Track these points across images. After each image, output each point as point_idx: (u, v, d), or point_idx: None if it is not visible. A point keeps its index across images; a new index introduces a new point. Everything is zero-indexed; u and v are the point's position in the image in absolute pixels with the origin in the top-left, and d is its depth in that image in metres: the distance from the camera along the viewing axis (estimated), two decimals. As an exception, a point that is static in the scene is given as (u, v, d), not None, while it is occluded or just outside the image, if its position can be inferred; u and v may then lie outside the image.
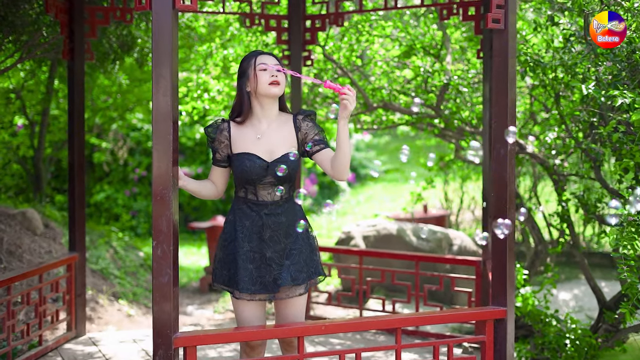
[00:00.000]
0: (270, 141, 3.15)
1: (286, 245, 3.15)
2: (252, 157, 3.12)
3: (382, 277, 5.07)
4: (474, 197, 9.12)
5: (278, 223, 3.14)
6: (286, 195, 3.18)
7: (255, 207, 3.15)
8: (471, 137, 5.57)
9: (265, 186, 3.14)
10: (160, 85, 2.85)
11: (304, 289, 3.16)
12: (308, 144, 3.17)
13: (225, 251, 3.19)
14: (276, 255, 3.13)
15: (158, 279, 2.88)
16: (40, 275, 4.50)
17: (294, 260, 3.12)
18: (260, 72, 3.11)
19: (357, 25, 5.71)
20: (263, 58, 3.15)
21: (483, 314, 3.35)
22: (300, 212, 3.23)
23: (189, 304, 6.98)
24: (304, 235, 3.18)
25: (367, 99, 5.55)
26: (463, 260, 4.86)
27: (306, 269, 3.15)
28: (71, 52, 4.79)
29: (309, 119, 3.21)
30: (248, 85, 3.16)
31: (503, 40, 3.36)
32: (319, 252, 3.27)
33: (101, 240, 7.20)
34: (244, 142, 3.16)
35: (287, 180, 3.15)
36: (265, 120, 3.18)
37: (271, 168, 3.11)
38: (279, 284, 3.10)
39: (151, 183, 2.92)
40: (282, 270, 3.11)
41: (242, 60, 3.23)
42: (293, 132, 3.19)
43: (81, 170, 4.86)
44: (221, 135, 3.18)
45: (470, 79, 5.59)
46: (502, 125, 3.39)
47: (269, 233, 3.13)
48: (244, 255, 3.11)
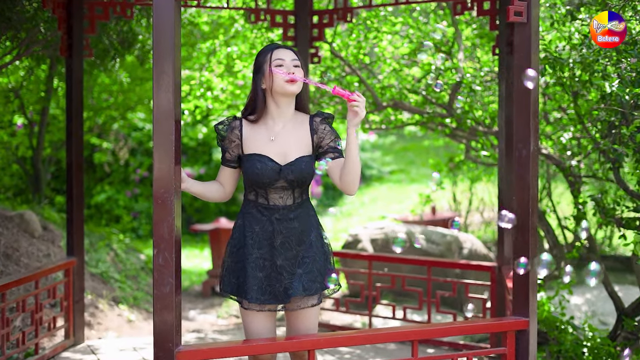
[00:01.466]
0: (285, 143, 2.95)
1: (298, 252, 2.94)
2: (264, 159, 2.92)
3: (393, 282, 4.88)
4: (483, 198, 8.93)
5: (290, 229, 2.94)
6: (299, 200, 2.98)
7: (265, 212, 2.95)
8: (485, 137, 5.37)
9: (276, 190, 2.94)
10: (161, 82, 2.66)
11: (317, 299, 2.96)
12: (322, 150, 2.97)
13: (233, 258, 2.99)
14: (287, 264, 2.92)
15: (159, 289, 2.69)
16: (37, 281, 4.31)
17: (306, 269, 2.92)
18: (276, 69, 2.91)
19: (365, 22, 5.51)
20: (279, 53, 2.93)
21: (504, 324, 3.16)
22: (314, 218, 3.04)
23: (191, 308, 6.80)
24: (317, 242, 2.98)
25: (376, 97, 5.36)
26: (477, 265, 4.67)
27: (320, 279, 2.95)
28: (69, 49, 4.60)
29: (326, 122, 3.01)
30: (263, 82, 2.96)
31: (525, 34, 3.17)
32: (333, 260, 3.07)
33: (101, 242, 7.02)
34: (256, 142, 2.96)
35: (300, 184, 2.94)
36: (280, 121, 2.98)
37: (284, 172, 2.91)
38: (289, 294, 2.89)
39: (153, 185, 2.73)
40: (294, 279, 2.90)
41: (257, 54, 3.01)
42: (308, 135, 2.98)
43: (80, 171, 4.67)
44: (232, 134, 2.98)
45: (482, 77, 5.39)
46: (524, 124, 3.20)
47: (280, 239, 2.93)
48: (253, 262, 2.92)
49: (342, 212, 11.50)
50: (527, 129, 3.19)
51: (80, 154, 4.68)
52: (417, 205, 7.80)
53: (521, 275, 3.19)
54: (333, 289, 3.02)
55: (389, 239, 6.46)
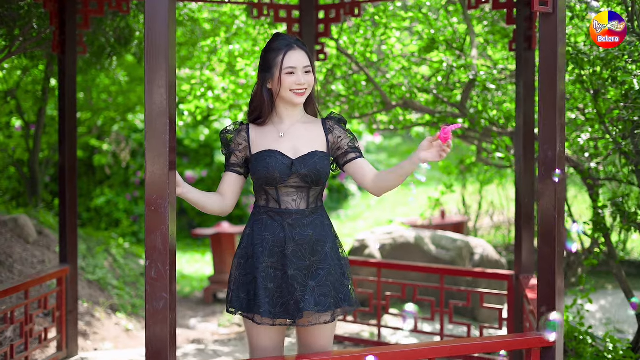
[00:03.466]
0: (295, 139, 2.73)
1: (312, 263, 2.68)
2: (274, 153, 2.68)
3: (403, 292, 4.61)
4: (493, 201, 8.66)
5: (303, 236, 2.68)
6: (314, 205, 2.73)
7: (277, 217, 2.70)
8: (499, 138, 5.11)
9: (289, 191, 2.69)
10: (154, 76, 2.41)
11: (330, 316, 2.69)
12: (342, 151, 2.76)
13: (242, 270, 2.73)
14: (299, 274, 2.66)
15: (152, 304, 2.44)
16: (27, 290, 4.06)
17: (319, 282, 2.66)
18: (285, 76, 2.67)
19: (374, 17, 5.25)
20: (292, 58, 2.68)
21: (529, 341, 2.90)
22: (330, 228, 2.78)
23: (191, 316, 6.54)
24: (333, 254, 2.72)
25: (385, 96, 5.11)
26: (494, 274, 4.40)
27: (334, 294, 2.68)
28: (62, 45, 4.36)
29: (340, 125, 2.80)
30: (270, 82, 2.72)
31: (551, 26, 2.92)
32: (351, 276, 2.81)
33: (99, 248, 6.77)
34: (265, 141, 2.73)
35: (314, 181, 2.69)
36: (288, 120, 2.77)
37: (296, 166, 2.67)
38: (301, 307, 2.63)
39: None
40: (306, 292, 2.64)
41: (266, 48, 2.76)
42: (322, 135, 2.77)
43: (73, 174, 4.42)
44: (239, 137, 2.76)
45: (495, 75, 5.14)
46: (549, 124, 2.95)
47: (292, 247, 2.67)
48: (263, 272, 2.66)
49: (347, 215, 11.24)
50: (553, 129, 2.94)
51: (74, 156, 4.44)
52: (425, 209, 7.54)
53: (546, 288, 2.94)
54: (349, 309, 2.76)
55: (398, 244, 6.20)
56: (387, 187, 2.71)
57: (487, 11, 5.47)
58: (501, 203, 8.52)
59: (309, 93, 2.74)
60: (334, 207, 11.50)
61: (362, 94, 5.47)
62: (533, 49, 4.10)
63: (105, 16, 4.95)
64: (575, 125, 5.07)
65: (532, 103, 4.13)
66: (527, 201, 4.17)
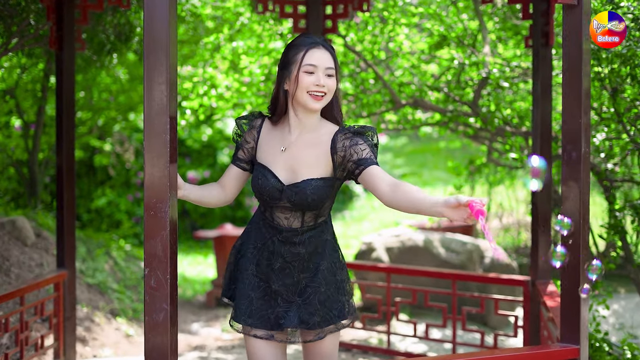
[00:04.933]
0: (295, 158, 2.50)
1: (300, 280, 2.52)
2: (267, 174, 2.50)
3: (414, 297, 4.44)
4: (502, 203, 8.48)
5: (293, 254, 2.52)
6: (311, 224, 2.53)
7: (269, 229, 2.54)
8: (513, 138, 4.94)
9: (282, 209, 2.52)
10: (153, 71, 2.24)
11: (313, 335, 2.53)
12: (347, 171, 2.47)
13: (236, 264, 2.64)
14: (284, 290, 2.52)
15: (151, 316, 2.27)
16: (22, 297, 3.89)
17: (306, 300, 2.50)
18: (303, 75, 2.43)
19: (382, 12, 5.07)
20: (313, 55, 2.44)
21: (552, 354, 2.73)
22: (330, 243, 2.58)
23: (194, 320, 6.37)
24: (328, 271, 2.54)
25: (395, 95, 4.93)
26: (509, 280, 4.23)
27: (322, 312, 2.50)
28: (60, 41, 4.19)
29: (351, 136, 2.46)
30: (287, 83, 2.50)
31: (576, 18, 2.74)
32: (350, 289, 2.62)
33: (99, 250, 6.61)
34: (267, 150, 2.54)
35: (307, 208, 2.48)
36: (297, 130, 2.52)
37: (286, 192, 2.47)
38: (281, 323, 2.48)
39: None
40: (290, 308, 2.49)
41: (289, 44, 2.54)
42: (328, 153, 2.48)
43: (71, 175, 4.26)
44: (250, 134, 2.58)
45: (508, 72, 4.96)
46: (573, 122, 2.77)
47: (280, 263, 2.52)
48: (247, 278, 2.54)
49: (352, 216, 11.06)
50: (578, 128, 2.76)
51: (72, 157, 4.27)
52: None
53: (570, 297, 2.77)
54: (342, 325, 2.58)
55: (406, 247, 6.02)
56: (399, 207, 2.32)
57: (499, 7, 5.29)
58: (510, 204, 8.34)
59: (329, 99, 2.48)
60: (338, 208, 11.31)
61: (370, 93, 5.30)
62: (550, 45, 3.93)
63: (104, 11, 4.78)
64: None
65: (549, 101, 3.96)
66: (544, 203, 3.99)
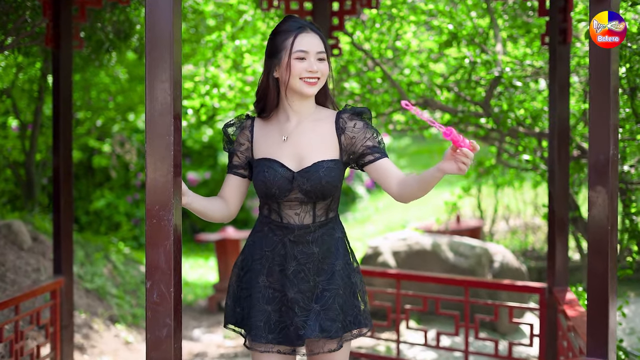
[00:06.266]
0: (300, 144, 2.36)
1: (317, 283, 2.36)
2: (273, 164, 2.34)
3: (425, 304, 4.28)
4: (509, 205, 8.32)
5: (307, 254, 2.35)
6: (322, 219, 2.38)
7: (278, 231, 2.37)
8: (526, 140, 4.77)
9: (291, 204, 2.36)
10: (156, 68, 2.07)
11: (336, 344, 2.36)
12: (356, 153, 2.36)
13: (239, 283, 2.45)
14: (301, 297, 2.34)
15: (154, 333, 2.10)
16: (17, 305, 3.72)
17: (325, 305, 2.33)
18: (295, 61, 2.31)
19: (391, 9, 4.91)
20: (303, 41, 2.32)
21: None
22: (342, 242, 2.43)
23: (195, 326, 6.20)
24: (343, 272, 2.38)
25: (404, 94, 4.77)
26: (525, 287, 4.06)
27: (341, 318, 2.34)
28: (57, 39, 4.03)
29: (357, 118, 2.38)
30: (277, 70, 2.37)
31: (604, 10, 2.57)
32: (364, 295, 2.46)
33: (97, 254, 6.44)
34: (266, 144, 2.38)
35: (320, 196, 2.34)
36: (295, 117, 2.40)
37: (297, 180, 2.32)
38: (301, 334, 2.31)
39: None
40: (309, 316, 2.32)
41: (274, 31, 2.40)
42: (334, 135, 2.37)
43: (68, 177, 4.09)
44: (242, 135, 2.42)
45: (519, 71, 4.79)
46: (601, 124, 2.61)
47: (294, 266, 2.35)
48: (260, 292, 2.36)
49: (355, 218, 10.89)
50: (606, 129, 2.60)
51: (69, 159, 4.10)
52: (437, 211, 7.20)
53: (597, 308, 2.61)
54: (358, 333, 2.43)
55: (413, 251, 5.86)
56: (411, 195, 2.32)
57: (510, 4, 5.13)
58: (517, 206, 8.18)
59: (322, 84, 2.38)
60: (341, 209, 11.14)
61: (378, 92, 5.13)
62: (568, 42, 3.77)
63: (103, 8, 4.61)
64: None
65: (566, 101, 3.80)
66: (561, 208, 3.83)
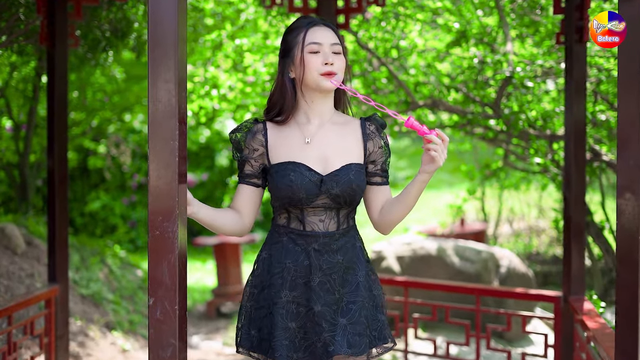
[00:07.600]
0: (325, 146, 2.22)
1: (342, 295, 2.20)
2: (299, 167, 2.18)
3: (434, 313, 4.12)
4: (513, 207, 8.18)
5: (332, 264, 2.20)
6: (345, 226, 2.24)
7: (300, 240, 2.21)
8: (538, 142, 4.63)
9: (316, 210, 2.20)
10: (159, 67, 1.91)
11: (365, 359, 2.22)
12: (372, 168, 2.28)
13: (254, 303, 2.26)
14: (327, 310, 2.18)
15: (157, 353, 1.94)
16: (9, 316, 3.55)
17: (352, 319, 2.18)
18: (309, 55, 2.18)
19: (397, 7, 4.75)
20: (315, 33, 2.21)
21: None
22: (362, 251, 2.30)
23: (194, 333, 6.04)
24: (365, 282, 2.24)
25: (411, 95, 4.62)
26: (539, 295, 3.91)
27: (369, 332, 2.21)
28: (51, 37, 3.86)
29: (383, 134, 2.29)
30: (292, 70, 2.23)
31: (635, 8, 2.42)
32: (385, 309, 2.32)
33: (93, 259, 6.27)
34: (286, 147, 2.22)
35: (348, 202, 2.21)
36: (316, 118, 2.26)
37: (326, 184, 2.18)
38: (330, 351, 2.15)
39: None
40: (336, 331, 2.16)
41: (286, 31, 2.28)
42: (360, 140, 2.27)
43: (63, 180, 3.93)
44: (254, 140, 2.25)
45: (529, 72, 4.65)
46: (629, 125, 2.46)
47: (320, 277, 2.19)
48: (283, 308, 2.19)
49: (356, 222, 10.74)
50: (635, 132, 2.45)
51: (64, 161, 3.94)
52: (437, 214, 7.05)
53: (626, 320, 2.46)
54: (384, 349, 2.28)
55: (418, 256, 5.70)
56: (392, 220, 2.26)
57: (519, 2, 4.98)
58: (521, 209, 8.05)
59: (341, 79, 2.23)
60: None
61: (384, 93, 4.98)
62: (585, 41, 3.63)
63: (99, 5, 4.45)
64: (609, 127, 4.60)
65: (583, 102, 3.65)
66: (578, 214, 3.69)
